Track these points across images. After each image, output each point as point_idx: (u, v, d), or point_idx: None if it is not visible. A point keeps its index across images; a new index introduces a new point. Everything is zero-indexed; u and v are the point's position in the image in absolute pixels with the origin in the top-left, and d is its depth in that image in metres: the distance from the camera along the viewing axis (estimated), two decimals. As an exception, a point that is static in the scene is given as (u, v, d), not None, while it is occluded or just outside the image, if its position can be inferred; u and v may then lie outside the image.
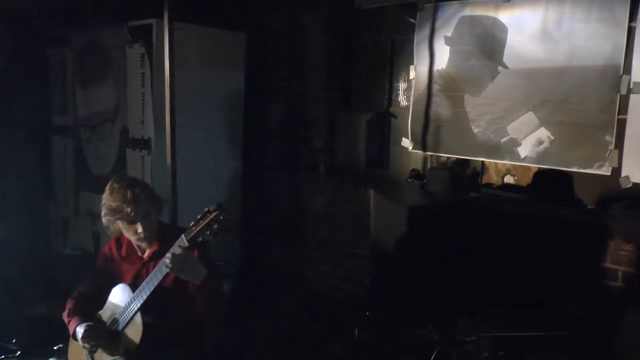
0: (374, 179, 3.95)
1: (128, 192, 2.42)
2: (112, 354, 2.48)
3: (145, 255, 2.58)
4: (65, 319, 2.58)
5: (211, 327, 2.51)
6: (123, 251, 2.62)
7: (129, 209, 2.40)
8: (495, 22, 3.29)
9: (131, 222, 2.44)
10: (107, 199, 2.47)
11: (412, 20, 3.69)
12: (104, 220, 2.52)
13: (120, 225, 2.49)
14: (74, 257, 4.64)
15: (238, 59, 4.35)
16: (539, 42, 3.12)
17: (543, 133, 3.13)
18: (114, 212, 2.44)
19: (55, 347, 2.71)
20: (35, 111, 4.79)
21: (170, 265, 2.26)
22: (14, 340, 3.15)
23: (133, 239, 2.53)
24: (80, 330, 2.47)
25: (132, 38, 3.99)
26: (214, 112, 4.19)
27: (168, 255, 2.28)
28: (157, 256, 2.47)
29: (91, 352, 2.50)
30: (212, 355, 2.63)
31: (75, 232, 4.82)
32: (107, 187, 2.51)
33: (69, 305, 2.60)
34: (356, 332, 3.24)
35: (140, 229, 2.45)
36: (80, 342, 2.48)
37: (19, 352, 3.05)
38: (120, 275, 2.60)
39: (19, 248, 4.01)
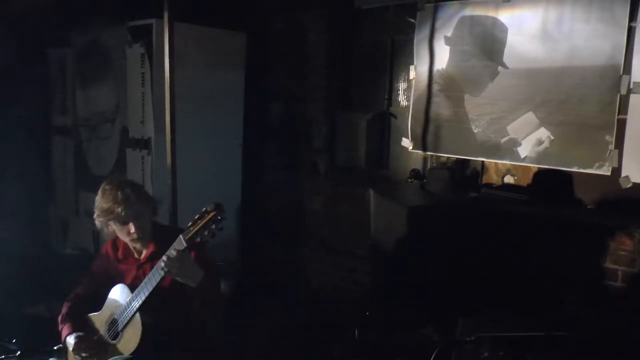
0: (374, 179, 3.94)
1: (119, 192, 2.43)
2: None
3: (142, 256, 2.58)
4: (59, 324, 2.60)
5: (210, 327, 2.51)
6: (120, 253, 2.62)
7: (119, 209, 2.41)
8: (495, 22, 3.28)
9: (123, 222, 2.45)
10: (99, 201, 2.49)
11: (412, 20, 3.69)
12: (97, 222, 2.53)
13: (114, 226, 2.49)
14: (74, 257, 4.64)
15: (238, 59, 4.35)
16: (539, 42, 3.11)
17: (543, 133, 3.13)
18: (106, 213, 2.45)
19: (55, 347, 2.71)
20: (35, 111, 4.79)
21: (166, 269, 2.26)
22: (14, 340, 3.14)
23: (127, 239, 2.53)
24: (70, 342, 2.49)
25: (132, 38, 3.99)
26: (214, 112, 4.19)
27: (164, 258, 2.27)
28: (153, 257, 2.47)
29: None
30: (211, 355, 2.63)
31: (75, 232, 4.82)
32: (99, 190, 2.52)
33: (64, 309, 2.61)
34: (356, 332, 3.24)
35: (132, 229, 2.45)
36: (72, 353, 2.50)
37: (19, 352, 3.04)
38: (117, 277, 2.60)
39: (19, 248, 4.01)
